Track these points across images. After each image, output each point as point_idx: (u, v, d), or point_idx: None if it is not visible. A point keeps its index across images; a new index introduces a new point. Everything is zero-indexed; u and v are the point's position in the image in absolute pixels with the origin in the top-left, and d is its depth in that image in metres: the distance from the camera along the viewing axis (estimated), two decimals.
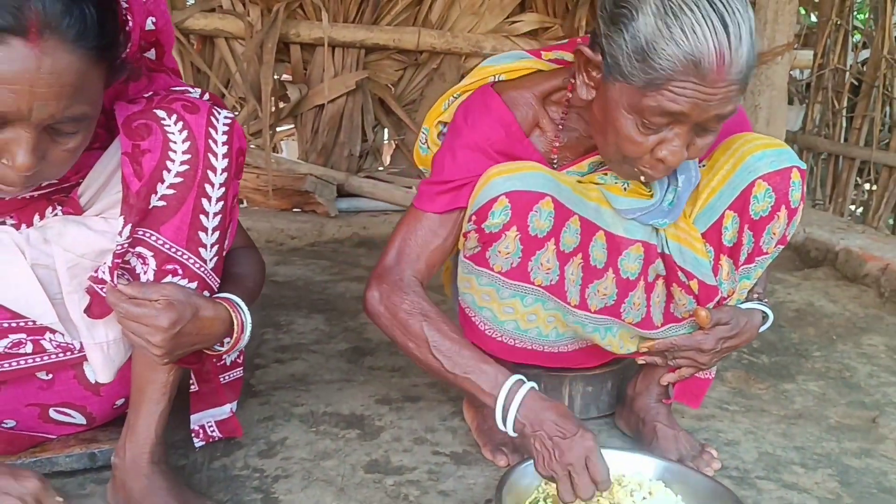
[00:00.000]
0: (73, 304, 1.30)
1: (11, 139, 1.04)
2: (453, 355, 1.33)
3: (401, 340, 1.39)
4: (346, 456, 1.56)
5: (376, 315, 1.41)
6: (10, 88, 0.99)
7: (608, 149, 1.34)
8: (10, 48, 0.98)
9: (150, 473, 1.30)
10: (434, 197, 1.43)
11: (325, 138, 3.68)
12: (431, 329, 1.35)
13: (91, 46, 1.04)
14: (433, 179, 1.45)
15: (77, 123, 1.09)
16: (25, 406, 1.39)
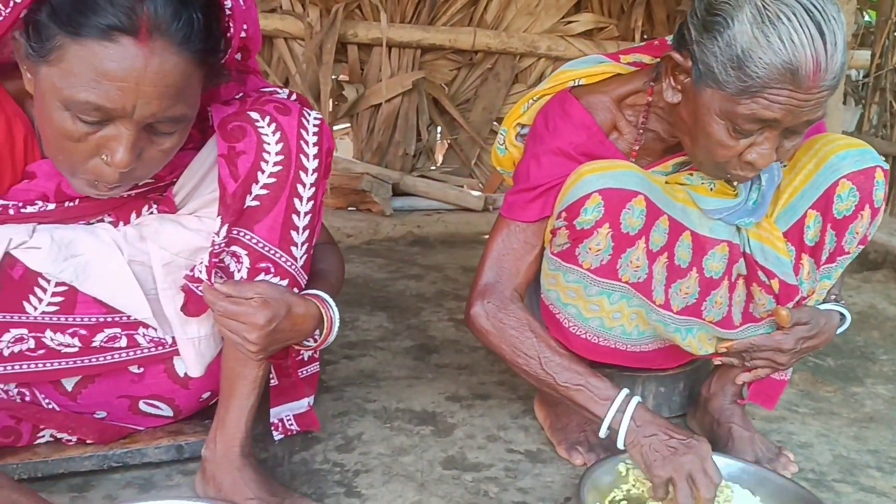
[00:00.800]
0: (168, 300, 1.35)
1: (112, 136, 1.08)
2: (563, 370, 1.38)
3: (509, 357, 1.43)
4: (422, 452, 1.59)
5: (484, 333, 1.44)
6: (118, 85, 1.03)
7: (697, 152, 1.35)
8: (121, 47, 1.02)
9: (240, 466, 1.33)
10: (525, 206, 1.45)
11: (381, 137, 3.71)
12: (541, 344, 1.40)
13: (196, 50, 1.08)
14: (520, 188, 1.47)
15: (175, 124, 1.13)
16: (117, 398, 1.43)
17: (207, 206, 1.32)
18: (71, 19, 1.02)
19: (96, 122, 1.07)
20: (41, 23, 1.04)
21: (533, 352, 1.39)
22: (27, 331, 1.30)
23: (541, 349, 1.39)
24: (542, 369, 1.39)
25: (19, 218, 1.25)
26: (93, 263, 1.28)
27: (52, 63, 1.04)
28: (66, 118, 1.06)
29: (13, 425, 1.38)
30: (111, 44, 1.02)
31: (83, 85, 1.03)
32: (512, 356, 1.42)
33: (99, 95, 1.04)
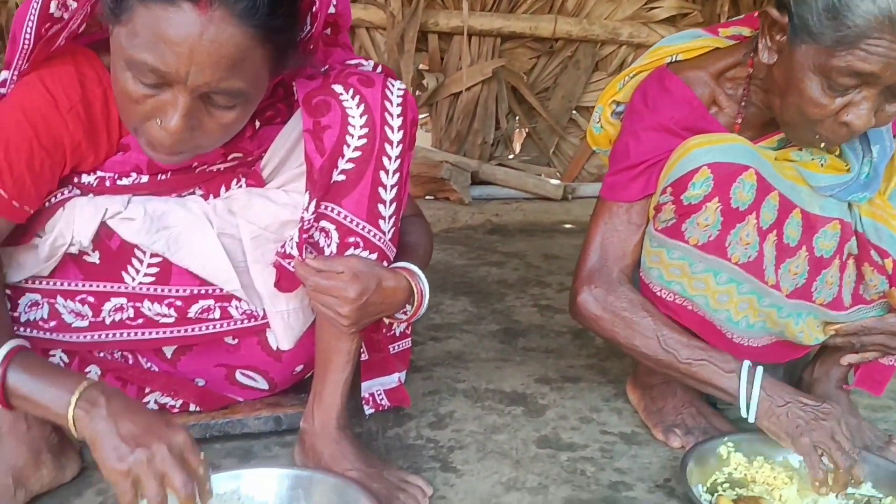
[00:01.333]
0: (257, 273, 1.36)
1: (168, 101, 1.09)
2: (683, 347, 1.36)
3: (624, 340, 1.40)
4: (515, 431, 1.57)
5: (595, 319, 1.42)
6: (173, 49, 1.04)
7: (788, 111, 1.30)
8: (181, 12, 1.03)
9: (338, 438, 1.34)
10: (626, 185, 1.42)
11: (460, 126, 3.72)
12: (657, 323, 1.38)
13: (256, 25, 1.07)
14: (620, 167, 1.44)
15: (233, 98, 1.12)
16: (214, 366, 1.46)
17: (294, 180, 1.33)
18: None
19: (154, 84, 1.08)
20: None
21: (650, 332, 1.37)
22: (126, 300, 1.34)
23: (658, 328, 1.37)
24: (661, 348, 1.36)
25: (115, 190, 1.29)
26: (184, 235, 1.31)
27: (122, 23, 1.07)
28: (128, 78, 1.08)
29: (119, 388, 1.42)
30: (173, 8, 1.03)
31: (143, 46, 1.05)
32: (628, 339, 1.39)
33: (155, 57, 1.05)
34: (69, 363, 1.38)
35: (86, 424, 1.02)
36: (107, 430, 1.01)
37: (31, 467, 1.25)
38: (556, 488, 1.36)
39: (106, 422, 1.01)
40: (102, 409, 1.02)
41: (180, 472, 0.98)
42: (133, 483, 0.99)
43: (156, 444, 0.99)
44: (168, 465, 0.99)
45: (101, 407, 1.03)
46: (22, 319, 1.32)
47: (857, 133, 1.26)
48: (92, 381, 1.06)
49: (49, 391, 1.05)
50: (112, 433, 1.00)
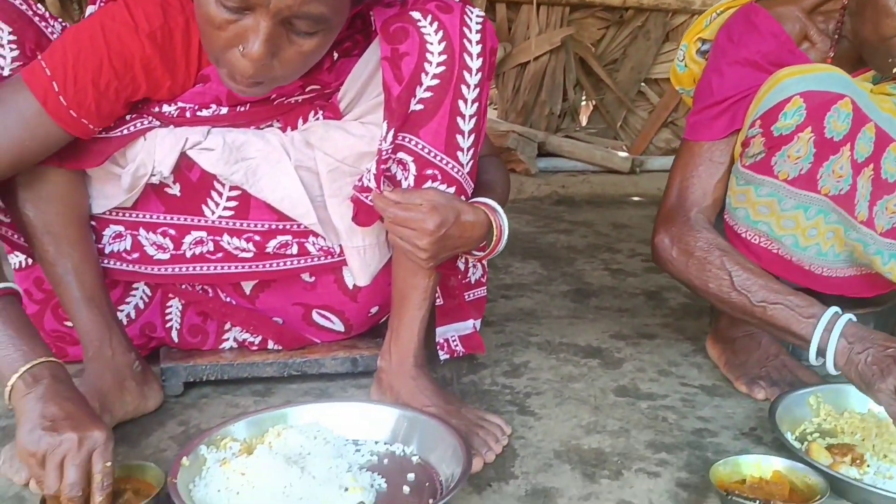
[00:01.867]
0: (333, 207, 1.35)
1: (249, 27, 1.07)
2: (758, 288, 1.28)
3: (698, 282, 1.34)
4: (592, 381, 1.55)
5: (668, 261, 1.38)
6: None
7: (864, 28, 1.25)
8: None
9: (416, 375, 1.33)
10: (709, 123, 1.38)
11: (526, 97, 3.68)
12: (732, 263, 1.31)
13: None
14: (703, 105, 1.40)
15: (314, 24, 1.10)
16: (292, 305, 1.46)
17: (371, 111, 1.31)
18: None
19: (236, 8, 1.06)
20: None
21: (723, 272, 1.31)
22: (206, 233, 1.35)
23: (732, 268, 1.30)
24: (734, 290, 1.29)
25: (195, 121, 1.29)
26: (262, 167, 1.31)
27: None
28: (211, 2, 1.07)
29: (200, 324, 1.44)
30: None
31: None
32: (701, 281, 1.34)
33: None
34: (152, 296, 1.40)
35: (18, 398, 1.02)
36: (33, 409, 1.01)
37: (116, 392, 1.27)
38: (638, 432, 1.33)
39: (35, 402, 1.01)
40: (40, 388, 1.02)
41: (75, 470, 0.98)
42: (38, 463, 0.99)
43: (68, 434, 0.99)
44: (68, 458, 0.98)
45: (40, 386, 1.02)
46: (106, 251, 1.34)
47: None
48: (49, 360, 1.05)
49: (7, 348, 1.04)
50: (35, 413, 1.00)
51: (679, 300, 2.07)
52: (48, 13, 1.27)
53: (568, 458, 1.24)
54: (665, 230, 1.38)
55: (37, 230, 1.26)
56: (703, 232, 1.35)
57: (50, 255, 1.27)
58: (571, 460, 1.24)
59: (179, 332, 1.44)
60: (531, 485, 1.16)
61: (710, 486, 1.14)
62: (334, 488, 1.07)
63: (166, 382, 1.41)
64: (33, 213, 1.26)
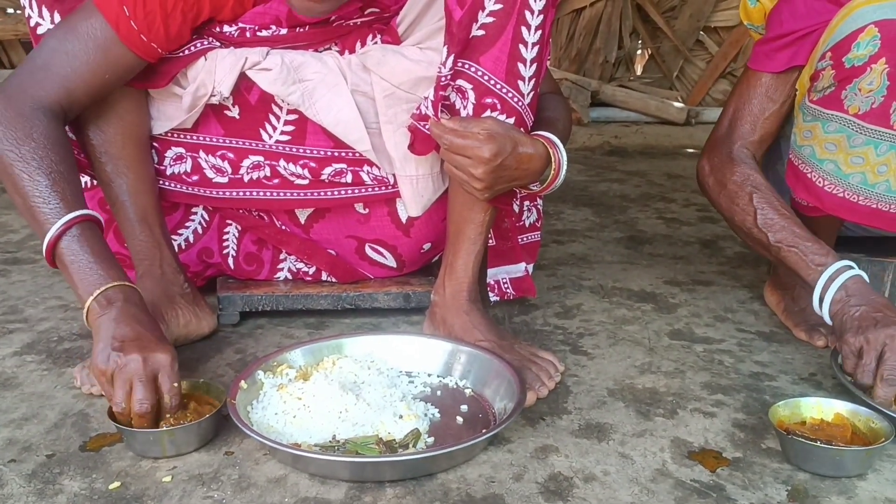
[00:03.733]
0: (388, 134, 1.34)
1: None
2: (780, 229, 1.30)
3: (726, 212, 1.38)
4: (647, 324, 1.53)
5: (705, 185, 1.42)
6: None
7: None
8: None
9: (469, 310, 1.33)
10: (771, 54, 1.34)
11: (580, 44, 3.60)
12: (761, 200, 1.32)
13: None
14: (770, 35, 1.35)
15: None
16: (346, 237, 1.46)
17: (430, 37, 1.29)
18: None
19: None
20: None
21: (749, 207, 1.32)
22: (263, 158, 1.35)
23: (759, 204, 1.31)
24: (755, 226, 1.31)
25: (255, 41, 1.29)
26: (319, 89, 1.30)
27: None
28: None
29: (255, 252, 1.46)
30: None
31: None
32: (729, 212, 1.36)
33: None
34: (210, 221, 1.42)
35: (93, 319, 1.07)
36: (105, 329, 1.05)
37: (167, 306, 1.30)
38: (694, 374, 1.31)
39: (108, 323, 1.05)
40: (114, 310, 1.06)
41: (142, 388, 1.02)
42: (108, 382, 1.03)
43: (134, 354, 1.02)
44: (136, 377, 1.02)
45: (114, 308, 1.06)
46: (167, 173, 1.35)
47: None
48: (122, 283, 1.09)
49: (83, 272, 1.08)
50: (108, 333, 1.04)
51: (735, 249, 2.02)
52: None
53: (622, 397, 1.23)
54: (708, 158, 1.41)
55: (95, 150, 1.29)
56: (742, 166, 1.36)
57: (107, 175, 1.30)
58: (625, 398, 1.23)
59: (235, 259, 1.46)
60: (585, 420, 1.16)
61: (768, 427, 1.12)
62: (389, 415, 1.08)
63: (223, 311, 1.43)
64: (94, 133, 1.28)
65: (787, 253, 1.29)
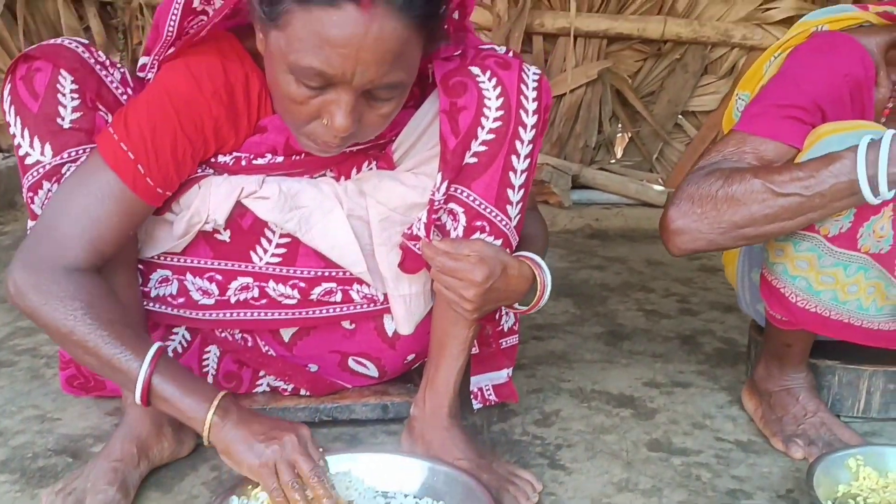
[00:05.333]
0: (382, 255, 1.36)
1: (332, 100, 1.10)
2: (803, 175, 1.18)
3: (728, 215, 1.23)
4: (625, 432, 1.53)
5: (685, 227, 1.26)
6: (339, 52, 1.04)
7: None
8: (344, 13, 1.03)
9: (449, 426, 1.33)
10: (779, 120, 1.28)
11: (561, 129, 3.67)
12: (761, 173, 1.21)
13: (415, 15, 1.07)
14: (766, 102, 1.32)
15: (392, 90, 1.13)
16: (329, 352, 1.47)
17: (425, 163, 1.32)
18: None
19: (318, 87, 1.09)
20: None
21: (755, 186, 1.20)
22: (252, 279, 1.36)
23: (765, 177, 1.19)
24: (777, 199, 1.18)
25: (251, 169, 1.31)
26: (315, 215, 1.33)
27: (280, 27, 1.07)
28: (291, 81, 1.09)
29: (235, 370, 1.46)
30: (334, 10, 1.03)
31: (307, 50, 1.05)
32: (731, 210, 1.21)
33: (321, 61, 1.05)
34: (191, 341, 1.42)
35: (219, 430, 1.11)
36: (241, 434, 1.11)
37: (154, 438, 1.28)
38: (671, 492, 1.31)
39: (238, 428, 1.11)
40: (234, 415, 1.12)
41: (308, 460, 1.10)
42: (272, 472, 1.08)
43: (286, 436, 1.10)
44: (297, 453, 1.09)
45: (233, 415, 1.12)
46: (152, 294, 1.36)
47: None
48: (223, 394, 1.14)
49: (188, 398, 1.12)
50: (246, 436, 1.11)
51: (714, 345, 2.04)
52: (108, 59, 1.29)
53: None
54: (677, 200, 1.27)
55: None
56: (720, 169, 1.25)
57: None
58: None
59: (215, 377, 1.46)
60: None
61: None
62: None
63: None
64: None
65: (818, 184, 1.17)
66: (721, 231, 1.24)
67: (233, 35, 1.26)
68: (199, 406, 1.11)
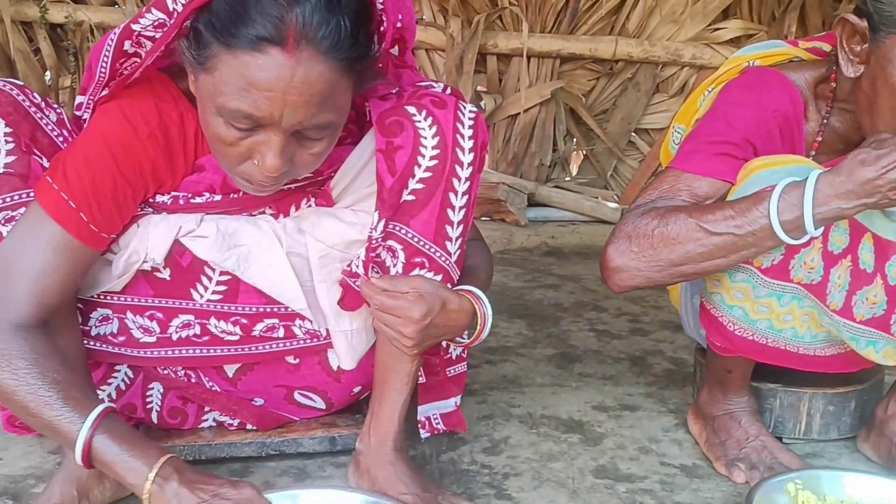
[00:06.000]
0: (322, 292, 1.37)
1: (262, 142, 1.11)
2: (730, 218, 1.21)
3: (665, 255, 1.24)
4: (572, 459, 1.54)
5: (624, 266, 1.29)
6: (265, 95, 1.05)
7: (880, 120, 1.24)
8: (269, 56, 1.04)
9: (394, 460, 1.33)
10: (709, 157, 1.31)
11: (517, 148, 3.70)
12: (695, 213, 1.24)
13: (342, 58, 1.08)
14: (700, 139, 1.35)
15: (323, 130, 1.14)
16: (274, 386, 1.46)
17: (363, 200, 1.33)
18: (225, 30, 1.04)
19: (247, 128, 1.09)
20: (200, 32, 1.08)
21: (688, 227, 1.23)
22: (194, 317, 1.35)
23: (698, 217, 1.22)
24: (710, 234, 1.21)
25: (189, 208, 1.31)
26: (254, 253, 1.32)
27: (208, 70, 1.08)
28: (220, 123, 1.10)
29: (180, 406, 1.44)
30: (260, 54, 1.03)
31: (234, 93, 1.06)
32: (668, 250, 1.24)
33: (248, 104, 1.06)
34: (133, 378, 1.40)
35: (159, 498, 1.08)
36: (185, 498, 1.08)
37: (94, 479, 1.26)
38: None
39: (177, 494, 1.08)
40: (173, 482, 1.09)
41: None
42: None
43: (227, 491, 1.09)
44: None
45: (173, 482, 1.09)
46: (92, 333, 1.34)
47: None
48: (167, 457, 1.11)
49: (129, 462, 1.10)
50: (189, 500, 1.08)
51: (664, 366, 2.07)
52: (44, 100, 1.28)
53: None
54: (616, 238, 1.29)
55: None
56: (658, 208, 1.27)
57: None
58: None
59: (159, 414, 1.44)
60: None
61: None
62: None
63: None
64: None
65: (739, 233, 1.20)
66: (658, 269, 1.27)
67: (167, 76, 1.26)
68: (138, 472, 1.08)
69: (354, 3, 1.09)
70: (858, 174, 1.14)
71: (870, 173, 1.13)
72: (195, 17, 1.09)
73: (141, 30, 1.17)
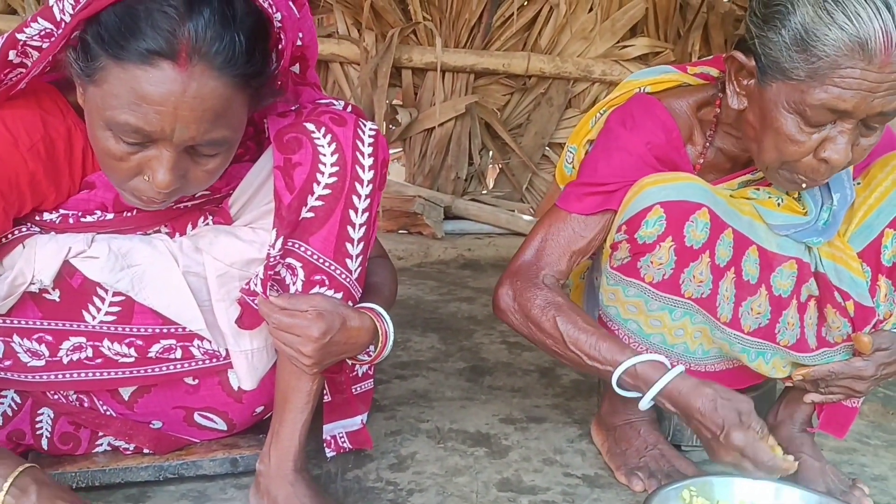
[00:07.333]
0: (221, 311, 1.34)
1: (153, 157, 1.09)
2: (589, 349, 1.33)
3: (537, 338, 1.39)
4: (477, 473, 1.55)
5: (507, 311, 1.41)
6: (156, 109, 1.03)
7: (766, 155, 1.29)
8: (160, 71, 1.02)
9: (294, 481, 1.31)
10: (582, 198, 1.40)
11: (433, 161, 3.73)
12: (566, 323, 1.35)
13: (237, 74, 1.07)
14: (583, 181, 1.42)
15: (216, 147, 1.12)
16: (172, 408, 1.43)
17: (262, 217, 1.32)
18: (114, 42, 1.02)
19: (137, 143, 1.07)
20: (88, 44, 1.05)
21: (557, 332, 1.35)
22: (86, 339, 1.31)
23: (565, 328, 1.34)
24: (569, 350, 1.34)
25: (79, 227, 1.27)
26: (149, 273, 1.29)
27: (96, 83, 1.05)
28: (109, 137, 1.07)
29: (72, 431, 1.39)
30: (151, 68, 1.02)
31: (123, 107, 1.04)
32: (539, 337, 1.38)
33: (138, 118, 1.04)
34: (21, 404, 1.35)
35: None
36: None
37: None
38: None
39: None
40: (32, 496, 1.05)
41: None
42: None
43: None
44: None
45: (31, 494, 1.05)
46: None
47: (836, 169, 1.25)
48: (27, 466, 1.07)
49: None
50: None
51: (571, 377, 2.10)
52: None
53: None
54: (510, 283, 1.41)
55: None
56: (545, 290, 1.37)
57: None
58: None
59: (50, 440, 1.38)
60: None
61: None
62: None
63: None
64: None
65: (603, 372, 1.34)
66: (529, 336, 1.40)
67: (55, 89, 1.22)
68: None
69: (250, 19, 1.08)
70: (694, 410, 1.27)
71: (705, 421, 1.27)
72: (83, 29, 1.06)
73: (27, 39, 1.13)
